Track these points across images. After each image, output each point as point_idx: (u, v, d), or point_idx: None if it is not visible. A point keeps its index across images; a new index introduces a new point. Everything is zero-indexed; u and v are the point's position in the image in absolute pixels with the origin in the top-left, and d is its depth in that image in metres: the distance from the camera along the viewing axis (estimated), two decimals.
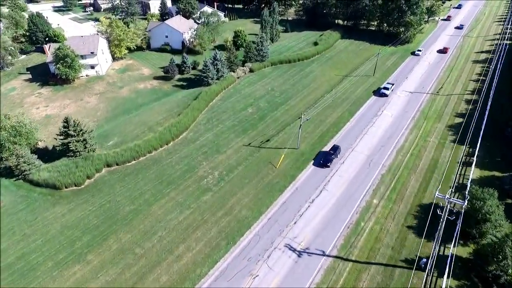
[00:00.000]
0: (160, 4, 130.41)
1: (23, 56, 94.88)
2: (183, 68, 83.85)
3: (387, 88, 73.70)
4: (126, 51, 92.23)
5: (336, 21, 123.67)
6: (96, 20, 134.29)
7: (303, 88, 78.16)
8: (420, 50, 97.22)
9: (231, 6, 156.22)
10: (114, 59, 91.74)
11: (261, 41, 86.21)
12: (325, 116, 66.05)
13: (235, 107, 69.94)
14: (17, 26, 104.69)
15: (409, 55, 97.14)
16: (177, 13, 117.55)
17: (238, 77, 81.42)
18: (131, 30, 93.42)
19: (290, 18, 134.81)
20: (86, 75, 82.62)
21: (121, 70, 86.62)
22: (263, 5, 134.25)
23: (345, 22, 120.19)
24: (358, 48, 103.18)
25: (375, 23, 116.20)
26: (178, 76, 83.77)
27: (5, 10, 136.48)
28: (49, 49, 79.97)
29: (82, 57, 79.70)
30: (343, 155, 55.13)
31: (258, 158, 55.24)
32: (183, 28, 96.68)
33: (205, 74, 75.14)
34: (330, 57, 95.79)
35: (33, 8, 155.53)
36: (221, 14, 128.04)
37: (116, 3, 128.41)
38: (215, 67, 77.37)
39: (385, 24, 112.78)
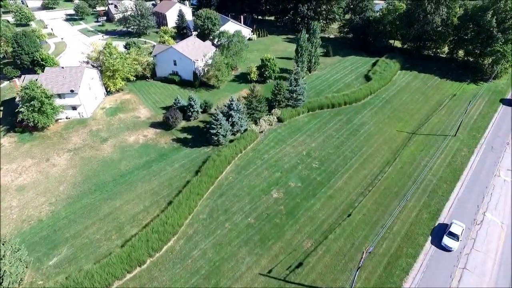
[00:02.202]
0: (178, 16, 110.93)
1: (5, 83, 78.56)
2: (189, 113, 62.97)
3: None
4: (124, 83, 72.99)
5: (393, 42, 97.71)
6: (106, 33, 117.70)
7: (352, 153, 54.50)
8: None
9: (260, 17, 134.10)
10: (108, 92, 72.75)
11: (296, 79, 63.33)
12: (389, 217, 42.23)
13: (254, 186, 47.82)
14: (8, 43, 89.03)
15: (501, 97, 70.25)
16: (194, 29, 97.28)
17: (262, 131, 59.20)
18: (130, 56, 74.04)
19: (332, 36, 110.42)
20: (67, 118, 64.10)
21: (112, 111, 67.25)
22: (299, 19, 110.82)
23: (405, 45, 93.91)
24: (425, 85, 77.34)
25: (446, 48, 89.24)
26: (182, 123, 63.05)
27: (10, 19, 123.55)
28: (22, 83, 62.13)
29: (60, 96, 61.16)
30: None
31: None
32: (195, 54, 75.87)
33: (214, 131, 53.61)
34: (388, 99, 70.91)
35: (46, 15, 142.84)
36: (248, 30, 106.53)
37: (128, 13, 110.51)
38: (230, 119, 55.71)
39: (459, 51, 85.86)
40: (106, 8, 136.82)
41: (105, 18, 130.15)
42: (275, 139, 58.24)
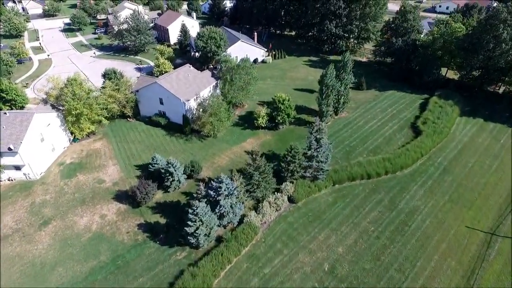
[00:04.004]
0: (180, 32, 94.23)
1: None
2: (168, 183, 45.64)
3: None
4: (94, 126, 56.81)
5: (445, 72, 76.32)
6: (101, 48, 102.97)
7: (401, 273, 35.25)
8: None
9: (279, 32, 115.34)
10: (75, 138, 56.78)
11: (317, 139, 44.49)
12: None
13: None
14: None
15: None
16: (196, 50, 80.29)
17: (265, 222, 40.90)
18: (105, 92, 57.79)
19: (364, 60, 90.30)
20: (9, 179, 48.49)
21: (71, 169, 51.00)
22: (325, 37, 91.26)
23: (462, 76, 72.52)
24: (497, 141, 56.32)
25: None
26: (158, 195, 45.98)
27: None
28: None
29: None
30: None
31: None
32: (187, 91, 58.64)
33: (191, 230, 35.82)
34: (446, 165, 50.50)
35: (43, 24, 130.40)
36: (262, 50, 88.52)
37: (123, 26, 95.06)
38: (219, 209, 37.75)
39: None
40: (106, 18, 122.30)
41: (103, 30, 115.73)
42: (283, 235, 39.76)
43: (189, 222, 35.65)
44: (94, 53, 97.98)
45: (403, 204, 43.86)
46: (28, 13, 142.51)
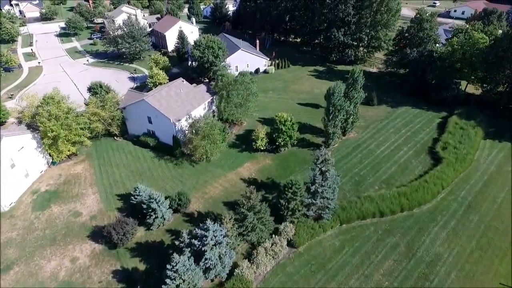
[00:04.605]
0: (177, 39, 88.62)
1: None
2: (151, 220, 39.89)
3: None
4: (76, 148, 51.34)
5: (465, 87, 69.23)
6: (96, 55, 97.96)
7: None
8: None
9: (283, 38, 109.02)
10: (54, 161, 51.39)
11: (322, 171, 38.19)
12: None
13: None
14: None
15: None
16: (193, 59, 74.54)
17: (259, 274, 34.77)
18: (88, 111, 52.35)
19: (374, 70, 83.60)
20: None
21: (45, 199, 45.54)
22: (332, 46, 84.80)
23: (485, 92, 65.66)
24: None
25: None
26: (140, 233, 40.28)
27: None
28: None
29: None
30: None
31: None
32: (179, 109, 52.84)
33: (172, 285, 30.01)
34: (471, 201, 43.75)
35: (39, 28, 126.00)
36: (264, 60, 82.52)
37: (117, 32, 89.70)
38: (204, 262, 31.76)
39: None
40: (103, 22, 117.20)
41: (99, 35, 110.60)
42: None
43: (168, 280, 29.76)
44: (87, 60, 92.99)
45: (423, 251, 37.42)
46: (25, 17, 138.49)
